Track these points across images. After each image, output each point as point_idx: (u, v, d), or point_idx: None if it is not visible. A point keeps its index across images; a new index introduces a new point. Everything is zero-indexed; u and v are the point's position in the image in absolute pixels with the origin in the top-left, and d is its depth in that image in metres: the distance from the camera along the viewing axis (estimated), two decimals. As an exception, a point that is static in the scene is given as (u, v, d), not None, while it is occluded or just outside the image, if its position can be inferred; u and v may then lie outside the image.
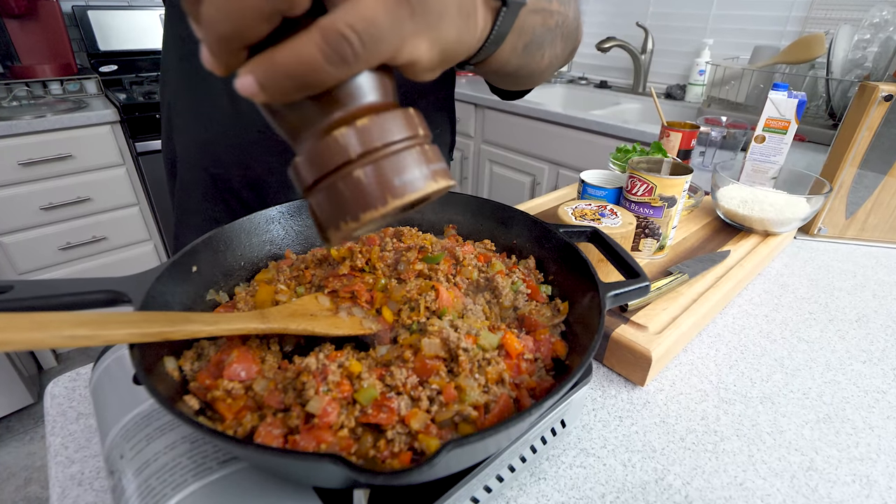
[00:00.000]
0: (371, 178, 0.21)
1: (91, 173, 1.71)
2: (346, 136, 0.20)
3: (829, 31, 1.34)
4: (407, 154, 0.21)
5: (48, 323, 0.26)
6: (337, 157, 0.20)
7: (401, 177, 0.21)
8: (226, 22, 0.19)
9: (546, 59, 0.42)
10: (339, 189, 0.21)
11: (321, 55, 0.19)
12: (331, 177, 0.21)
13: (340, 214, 0.21)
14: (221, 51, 0.20)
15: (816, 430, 0.44)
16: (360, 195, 0.21)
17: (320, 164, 0.21)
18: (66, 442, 0.43)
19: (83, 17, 1.89)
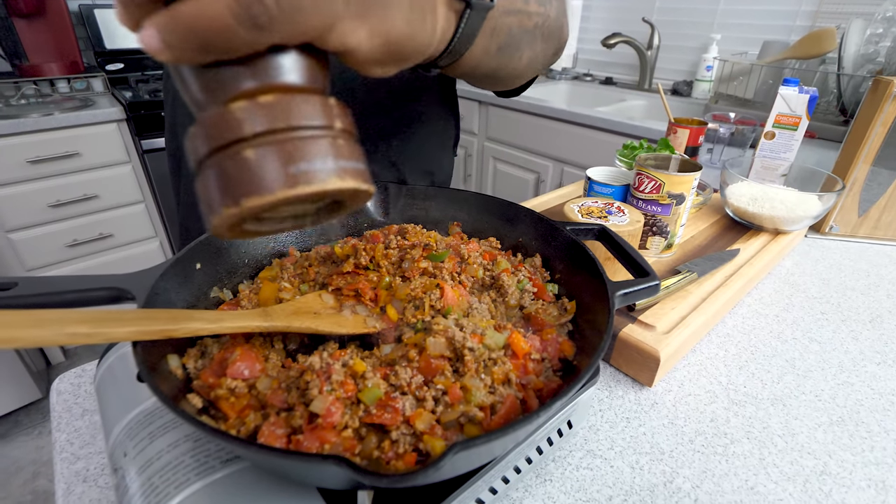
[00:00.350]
0: (262, 161, 0.18)
1: (97, 171, 1.71)
2: (244, 111, 0.18)
3: (840, 26, 1.31)
4: (313, 142, 0.19)
5: (50, 320, 0.25)
6: (229, 132, 0.18)
7: (298, 165, 0.18)
8: None
9: (525, 60, 0.41)
10: (225, 168, 0.18)
11: (231, 14, 0.17)
12: (219, 153, 0.18)
13: (221, 197, 0.18)
14: (129, 2, 0.18)
15: (830, 434, 0.43)
16: (246, 178, 0.18)
17: (213, 136, 0.18)
18: (71, 438, 0.43)
19: (90, 15, 1.89)
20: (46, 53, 1.83)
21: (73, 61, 1.87)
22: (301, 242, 0.47)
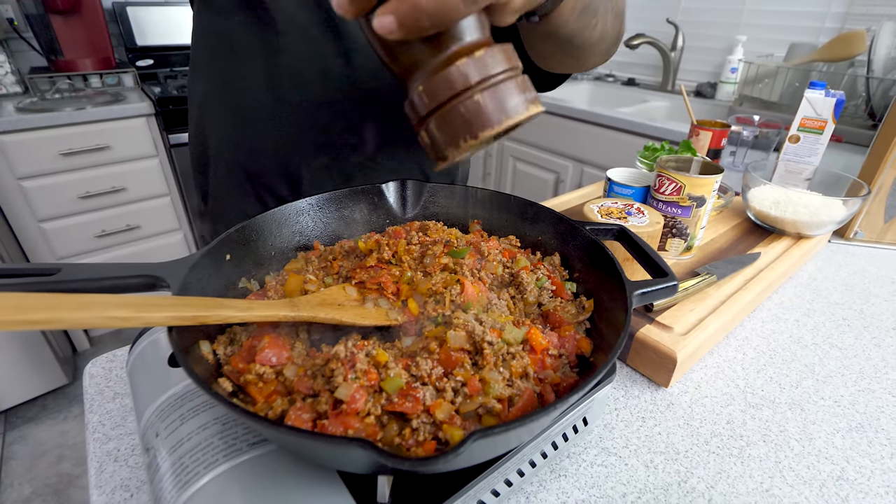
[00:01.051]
0: (489, 102, 0.24)
1: (126, 164, 1.77)
2: (468, 66, 0.23)
3: (870, 28, 1.28)
4: (512, 82, 0.24)
5: (92, 304, 0.27)
6: (459, 84, 0.23)
7: (510, 101, 0.24)
8: None
9: (598, 30, 0.44)
10: (461, 111, 0.24)
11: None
12: (451, 102, 0.24)
13: (462, 133, 0.24)
14: None
15: (848, 439, 0.43)
16: (480, 116, 0.24)
17: (442, 90, 0.24)
18: (103, 419, 0.45)
19: (122, 12, 1.95)
20: (80, 49, 1.89)
21: (105, 57, 1.93)
22: (325, 237, 0.48)
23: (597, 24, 0.43)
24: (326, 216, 0.49)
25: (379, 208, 0.51)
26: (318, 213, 0.48)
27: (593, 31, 0.44)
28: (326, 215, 0.49)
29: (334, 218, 0.49)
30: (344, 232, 0.50)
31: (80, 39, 1.88)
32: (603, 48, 0.49)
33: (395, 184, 0.51)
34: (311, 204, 0.48)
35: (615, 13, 0.46)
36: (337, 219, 0.50)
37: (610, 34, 0.47)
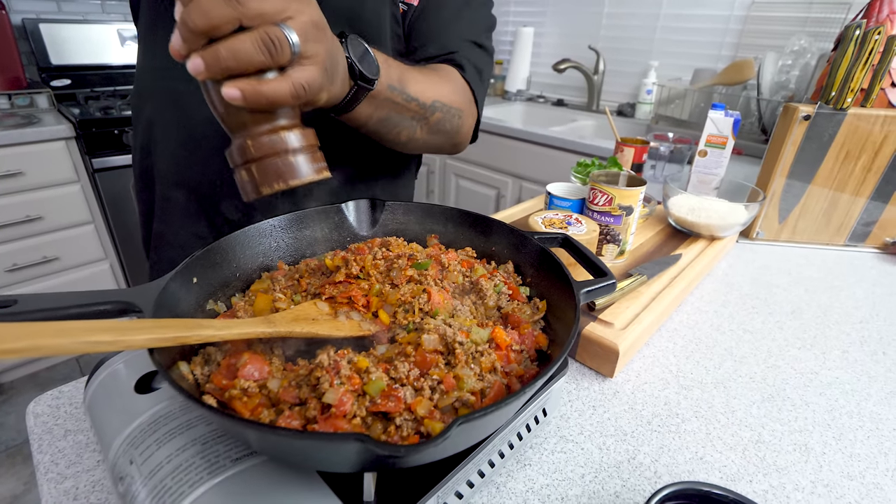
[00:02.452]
0: (301, 161, 0.34)
1: (43, 191, 1.63)
2: (289, 137, 0.34)
3: (757, 57, 1.48)
4: (310, 155, 0.35)
5: (72, 330, 0.27)
6: (279, 147, 0.33)
7: (308, 165, 0.34)
8: (203, 21, 0.28)
9: (404, 135, 0.57)
10: (277, 164, 0.33)
11: (254, 48, 0.30)
12: (271, 157, 0.33)
13: (276, 179, 0.33)
14: (191, 40, 0.30)
15: (762, 409, 0.50)
16: (294, 170, 0.34)
17: (266, 147, 0.33)
18: (55, 459, 0.43)
19: (34, 30, 1.82)
20: (-16, 69, 1.74)
21: (14, 77, 1.79)
22: (288, 256, 0.50)
23: (400, 132, 0.56)
24: (289, 236, 0.50)
25: (340, 227, 0.53)
26: (281, 234, 0.50)
27: (398, 136, 0.57)
28: (289, 235, 0.50)
29: (296, 238, 0.51)
30: (306, 251, 0.51)
31: (-15, 58, 1.73)
32: (420, 146, 0.63)
33: (355, 203, 0.54)
34: (273, 225, 0.49)
35: (431, 130, 0.59)
36: (299, 238, 0.51)
37: (425, 141, 0.61)
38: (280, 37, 0.30)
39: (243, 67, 0.30)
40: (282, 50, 0.30)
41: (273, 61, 0.30)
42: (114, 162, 1.70)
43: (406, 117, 0.54)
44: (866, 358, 0.59)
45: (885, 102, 0.81)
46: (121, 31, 2.03)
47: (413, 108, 0.54)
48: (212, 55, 0.29)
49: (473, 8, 0.67)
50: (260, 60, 0.30)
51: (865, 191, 0.83)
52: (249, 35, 0.29)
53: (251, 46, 0.29)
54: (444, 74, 0.61)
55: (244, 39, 0.29)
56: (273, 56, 0.30)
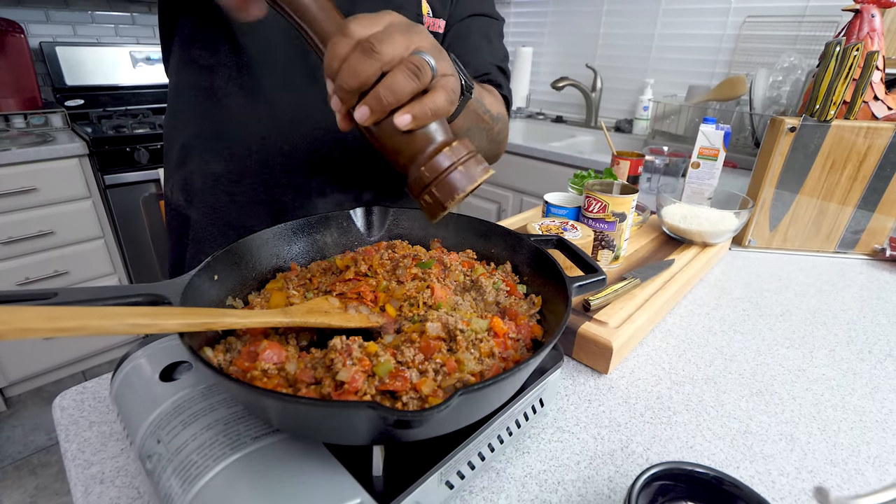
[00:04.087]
0: (463, 172, 0.37)
1: (55, 206, 1.68)
2: (449, 153, 0.37)
3: (749, 74, 1.53)
4: (473, 159, 0.38)
5: (114, 314, 0.30)
6: (445, 164, 0.37)
7: (475, 170, 0.37)
8: (356, 81, 0.33)
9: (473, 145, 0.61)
10: (452, 177, 0.37)
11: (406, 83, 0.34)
12: (444, 174, 0.36)
13: (455, 190, 0.37)
14: (349, 98, 0.35)
15: (751, 402, 0.53)
16: (464, 178, 0.37)
17: (437, 168, 0.37)
18: (82, 447, 0.46)
19: (51, 52, 1.90)
20: (4, 89, 1.81)
21: (30, 97, 1.86)
22: (300, 258, 0.53)
23: (472, 141, 0.62)
24: (301, 240, 0.53)
25: (348, 232, 0.57)
26: (294, 237, 0.53)
27: None
28: (301, 239, 0.53)
29: (307, 241, 0.54)
30: (317, 254, 0.55)
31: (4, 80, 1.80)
32: None
33: (362, 209, 0.57)
34: (286, 229, 0.52)
35: (490, 139, 0.66)
36: (310, 242, 0.54)
37: (483, 150, 0.67)
38: (421, 62, 0.34)
39: (401, 98, 0.34)
40: (425, 71, 0.34)
41: (422, 83, 0.34)
42: (125, 178, 1.76)
43: (480, 128, 0.60)
44: (852, 356, 0.61)
45: (868, 115, 0.85)
46: (133, 53, 2.11)
47: (486, 120, 0.60)
48: (374, 99, 0.34)
49: (493, 37, 0.74)
50: (413, 87, 0.34)
51: (852, 199, 0.87)
52: (398, 71, 0.33)
53: (403, 79, 0.33)
54: (493, 92, 0.68)
55: (395, 76, 0.33)
56: (421, 78, 0.34)
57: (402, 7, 0.63)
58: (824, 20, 1.49)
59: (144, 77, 2.15)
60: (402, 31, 0.35)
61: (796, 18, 1.55)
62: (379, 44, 0.33)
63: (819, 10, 1.51)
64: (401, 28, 0.35)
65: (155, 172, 1.80)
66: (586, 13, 2.10)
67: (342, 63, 0.33)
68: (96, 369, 2.01)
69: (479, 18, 0.72)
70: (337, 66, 0.33)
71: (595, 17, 2.08)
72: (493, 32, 0.74)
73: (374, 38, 0.33)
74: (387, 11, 0.37)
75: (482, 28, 0.73)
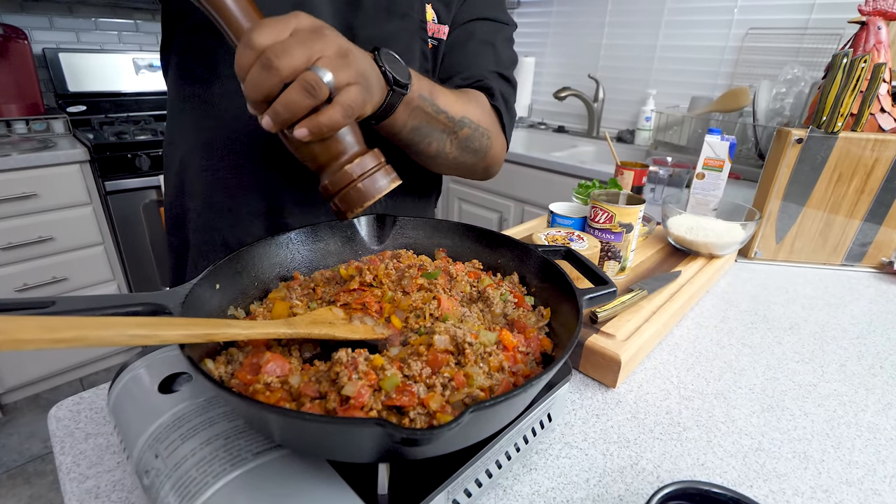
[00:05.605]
0: (366, 185, 0.41)
1: (55, 212, 1.67)
2: (354, 167, 0.41)
3: (752, 85, 1.54)
4: (379, 172, 0.42)
5: (113, 324, 0.29)
6: (347, 178, 0.40)
7: (379, 182, 0.41)
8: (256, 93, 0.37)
9: (434, 147, 0.60)
10: (352, 192, 0.41)
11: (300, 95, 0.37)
12: (347, 187, 0.41)
13: (356, 204, 0.41)
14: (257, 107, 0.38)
15: (762, 418, 0.52)
16: (364, 194, 0.41)
17: (341, 181, 0.41)
18: (77, 460, 0.44)
19: (54, 59, 1.90)
20: (6, 95, 1.81)
21: (33, 103, 1.86)
22: (303, 267, 0.52)
23: (431, 143, 0.60)
24: (304, 248, 0.53)
25: (352, 240, 0.56)
26: (297, 246, 0.52)
27: (428, 147, 0.60)
28: (304, 248, 0.53)
29: (311, 250, 0.53)
30: (320, 263, 0.54)
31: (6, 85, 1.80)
32: (449, 164, 0.66)
33: (367, 218, 0.56)
34: (290, 238, 0.52)
35: (459, 145, 0.63)
36: (313, 251, 0.53)
37: (452, 155, 0.64)
38: (314, 79, 0.36)
39: (298, 112, 0.36)
40: (319, 89, 0.36)
41: (317, 99, 0.36)
42: (126, 185, 1.75)
43: (436, 128, 0.58)
44: (864, 371, 0.60)
45: (875, 127, 0.84)
46: (136, 59, 2.12)
47: (442, 121, 0.58)
48: (272, 113, 0.36)
49: (498, 43, 0.71)
50: (307, 104, 0.36)
51: (859, 212, 0.86)
52: (292, 88, 0.36)
53: (296, 96, 0.36)
54: (472, 96, 0.64)
55: (289, 93, 0.36)
56: (315, 95, 0.36)
57: (405, 15, 0.62)
58: (827, 33, 1.50)
59: (147, 84, 2.16)
60: (304, 41, 0.36)
61: (799, 31, 1.56)
62: (276, 58, 0.34)
63: (822, 22, 1.52)
64: (303, 36, 0.36)
65: (156, 179, 1.80)
66: (589, 24, 2.11)
67: (246, 74, 0.36)
68: (94, 377, 1.99)
69: (483, 23, 0.69)
70: (242, 76, 0.36)
71: (598, 28, 2.09)
72: (499, 38, 0.70)
73: (272, 51, 0.35)
74: (294, 14, 0.38)
75: (486, 33, 0.69)
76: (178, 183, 0.66)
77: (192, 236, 0.67)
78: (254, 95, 0.36)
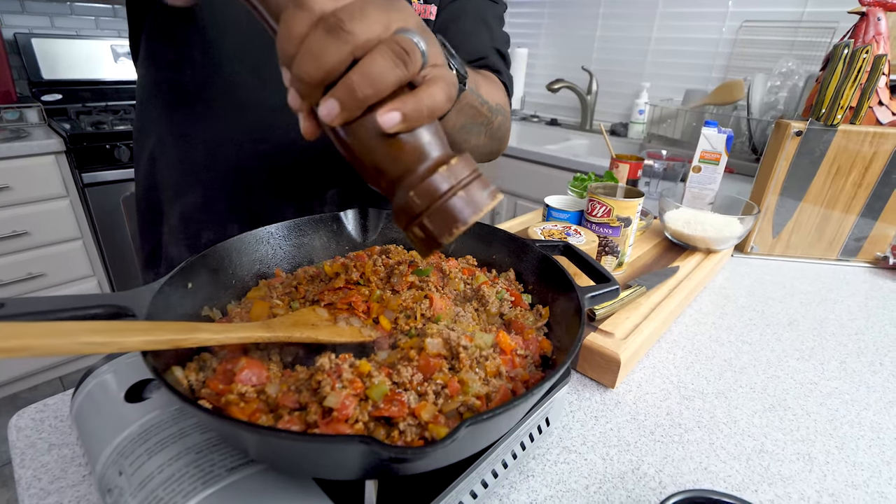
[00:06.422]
0: (466, 197, 0.28)
1: (30, 205, 1.61)
2: (447, 173, 0.28)
3: (746, 78, 1.52)
4: (478, 180, 0.29)
5: (65, 330, 0.26)
6: (442, 188, 0.28)
7: (480, 194, 0.29)
8: (318, 69, 0.25)
9: (471, 143, 0.56)
10: (452, 205, 0.28)
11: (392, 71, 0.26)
12: (440, 200, 0.28)
13: (454, 223, 0.28)
14: (310, 94, 0.26)
15: (764, 418, 0.50)
16: (466, 207, 0.28)
17: (431, 194, 0.28)
18: (38, 474, 0.41)
19: (26, 44, 1.82)
20: (-24, 83, 1.73)
21: (4, 91, 1.78)
22: (286, 264, 0.49)
23: (469, 140, 0.55)
24: (287, 244, 0.49)
25: (338, 235, 0.53)
26: (279, 241, 0.49)
27: (464, 144, 0.56)
28: (287, 243, 0.49)
29: (294, 245, 0.50)
30: (304, 259, 0.51)
31: (-23, 72, 1.72)
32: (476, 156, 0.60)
33: (354, 211, 0.53)
34: (270, 232, 0.48)
35: (489, 134, 0.58)
36: (297, 246, 0.50)
37: (480, 149, 0.60)
38: (409, 44, 0.26)
39: (382, 91, 0.26)
40: (415, 56, 0.26)
41: (410, 72, 0.26)
42: (104, 177, 1.69)
43: (478, 124, 0.53)
44: (864, 368, 0.59)
45: (873, 120, 0.83)
46: (114, 46, 2.04)
47: (484, 113, 0.52)
48: (345, 91, 0.25)
49: (491, 21, 0.67)
50: (398, 76, 0.26)
51: (856, 206, 0.85)
52: (378, 53, 0.25)
53: (385, 64, 0.25)
54: (492, 78, 0.60)
55: (374, 60, 0.25)
56: (409, 66, 0.26)
57: None
58: (821, 26, 1.49)
59: (127, 72, 2.08)
60: (380, 5, 0.26)
61: (793, 24, 1.55)
62: (350, 20, 0.25)
63: (816, 15, 1.51)
64: (377, 1, 0.27)
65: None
66: (583, 16, 2.08)
67: (299, 45, 0.25)
68: (75, 376, 1.93)
69: (474, 0, 0.66)
70: (293, 50, 0.25)
71: (592, 20, 2.06)
72: (490, 16, 0.67)
73: (342, 11, 0.25)
74: None
75: (478, 10, 0.66)
76: (148, 174, 0.63)
77: (165, 231, 0.63)
78: (312, 71, 0.25)
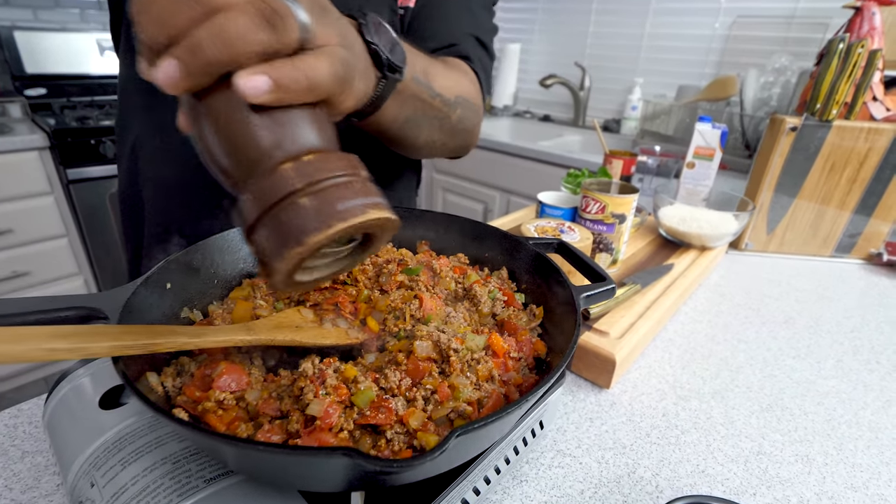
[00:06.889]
0: (314, 205, 0.21)
1: (13, 202, 1.57)
2: (293, 169, 0.21)
3: (739, 74, 1.52)
4: (346, 185, 0.22)
5: (27, 336, 0.24)
6: (282, 188, 0.21)
7: (342, 203, 0.21)
8: (159, 30, 0.21)
9: (422, 139, 0.52)
10: (284, 217, 0.21)
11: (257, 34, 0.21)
12: (275, 207, 0.21)
13: (285, 241, 0.21)
14: (152, 58, 0.22)
15: (762, 419, 0.49)
16: (305, 220, 0.21)
17: (267, 197, 0.21)
18: (9, 483, 0.39)
19: (8, 38, 1.78)
20: (-44, 76, 1.69)
21: (-13, 85, 1.74)
22: (271, 262, 0.47)
23: (420, 135, 0.50)
24: (272, 242, 0.48)
25: (326, 233, 0.51)
26: (264, 239, 0.47)
27: (416, 139, 0.51)
28: (272, 241, 0.48)
29: (280, 243, 0.48)
30: (290, 257, 0.49)
31: (-42, 65, 1.68)
32: (434, 151, 0.57)
33: (342, 208, 0.52)
34: (255, 230, 0.47)
35: (446, 131, 0.53)
36: (283, 244, 0.49)
37: (439, 144, 0.55)
38: (280, 5, 0.21)
39: (238, 54, 0.21)
40: (288, 22, 0.22)
41: (280, 39, 0.21)
42: (90, 173, 1.66)
43: (429, 116, 0.48)
44: (860, 367, 0.58)
45: (867, 116, 0.82)
46: (100, 40, 2.00)
47: (436, 106, 0.48)
48: (187, 49, 0.20)
49: (476, 7, 0.63)
50: (260, 40, 0.21)
51: (850, 203, 0.84)
52: (237, 9, 0.20)
53: (244, 21, 0.20)
54: (458, 67, 0.57)
55: (231, 15, 0.20)
56: (278, 31, 0.21)
57: None
58: (814, 21, 1.49)
59: (112, 66, 2.04)
60: None
61: (786, 20, 1.54)
62: None
63: (809, 11, 1.50)
64: None
65: (123, 167, 1.70)
66: (576, 11, 2.07)
67: (149, 5, 0.21)
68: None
69: None
70: (135, 8, 0.21)
71: (584, 16, 2.05)
72: (476, 3, 0.63)
73: None
74: None
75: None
76: (130, 168, 0.60)
77: (147, 228, 0.61)
78: (154, 31, 0.21)
